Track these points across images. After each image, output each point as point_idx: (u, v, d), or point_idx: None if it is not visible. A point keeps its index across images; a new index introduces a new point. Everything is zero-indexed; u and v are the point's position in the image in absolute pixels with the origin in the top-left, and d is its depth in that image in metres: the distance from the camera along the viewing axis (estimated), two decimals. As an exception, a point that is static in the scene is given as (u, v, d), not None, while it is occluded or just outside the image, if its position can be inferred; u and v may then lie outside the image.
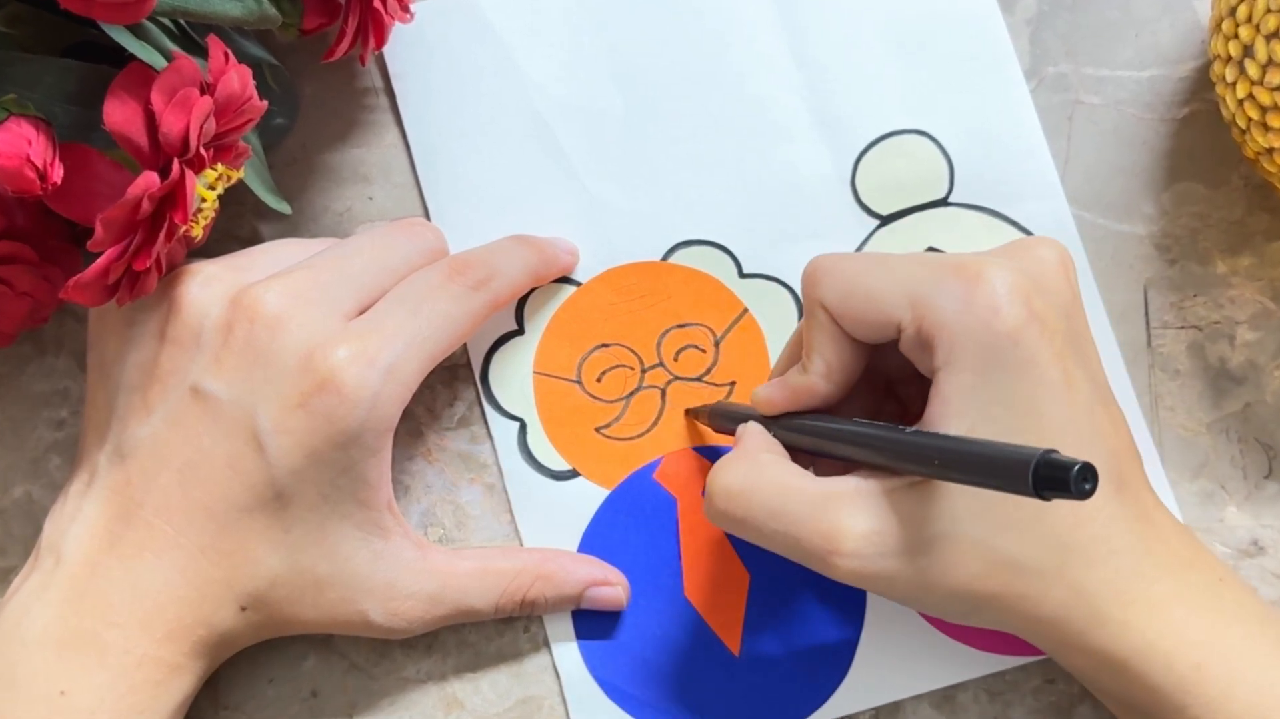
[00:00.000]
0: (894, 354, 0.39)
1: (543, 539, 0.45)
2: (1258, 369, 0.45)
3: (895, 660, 0.43)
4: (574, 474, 0.45)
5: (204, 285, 0.40)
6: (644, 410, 0.45)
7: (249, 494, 0.39)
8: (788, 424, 0.40)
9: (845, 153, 0.46)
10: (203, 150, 0.36)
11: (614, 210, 0.46)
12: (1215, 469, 0.44)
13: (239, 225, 0.46)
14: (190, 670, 0.40)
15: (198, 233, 0.39)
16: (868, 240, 0.46)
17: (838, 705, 0.43)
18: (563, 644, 0.44)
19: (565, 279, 0.46)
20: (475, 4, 0.46)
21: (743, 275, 0.46)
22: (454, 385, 0.45)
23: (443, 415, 0.45)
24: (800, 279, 0.40)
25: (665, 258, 0.46)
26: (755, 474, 0.38)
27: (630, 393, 0.45)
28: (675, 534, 0.44)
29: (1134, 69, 0.46)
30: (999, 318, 0.36)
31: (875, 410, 0.42)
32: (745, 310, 0.46)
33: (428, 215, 0.46)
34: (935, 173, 0.46)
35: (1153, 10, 0.46)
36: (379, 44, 0.43)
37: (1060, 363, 0.36)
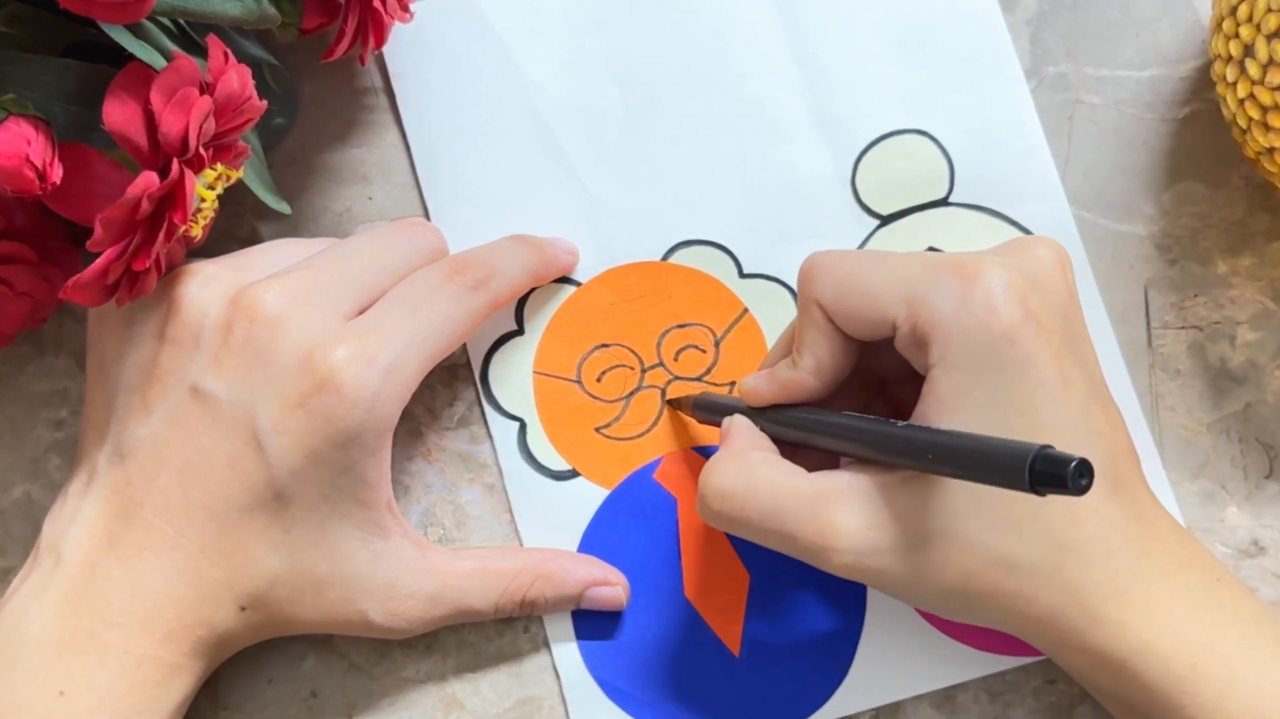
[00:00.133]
0: (888, 353, 0.39)
1: (543, 539, 0.44)
2: (1258, 369, 0.45)
3: (895, 660, 0.43)
4: (574, 474, 0.45)
5: (203, 285, 0.40)
6: (644, 410, 0.45)
7: (249, 494, 0.39)
8: (775, 417, 0.40)
9: (845, 152, 0.46)
10: (202, 150, 0.36)
11: (614, 210, 0.46)
12: (1216, 469, 0.44)
13: (239, 225, 0.46)
14: (190, 671, 0.40)
15: (197, 233, 0.39)
16: (868, 240, 0.46)
17: (838, 706, 0.43)
18: (563, 644, 0.44)
19: (565, 279, 0.46)
20: (475, 4, 0.46)
21: (743, 275, 0.46)
22: (454, 385, 0.45)
23: (442, 415, 0.45)
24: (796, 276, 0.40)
25: (665, 258, 0.46)
26: (747, 474, 0.38)
27: (630, 393, 0.45)
28: (675, 534, 0.44)
29: (1134, 69, 0.46)
30: (995, 316, 0.36)
31: (865, 408, 0.42)
32: (745, 310, 0.46)
33: (428, 215, 0.46)
34: (935, 173, 0.46)
35: (1153, 10, 0.46)
36: (379, 44, 0.43)
37: (1057, 362, 0.36)
